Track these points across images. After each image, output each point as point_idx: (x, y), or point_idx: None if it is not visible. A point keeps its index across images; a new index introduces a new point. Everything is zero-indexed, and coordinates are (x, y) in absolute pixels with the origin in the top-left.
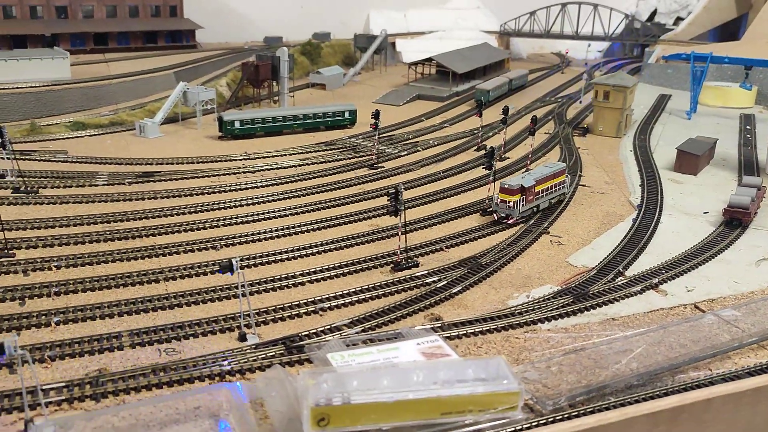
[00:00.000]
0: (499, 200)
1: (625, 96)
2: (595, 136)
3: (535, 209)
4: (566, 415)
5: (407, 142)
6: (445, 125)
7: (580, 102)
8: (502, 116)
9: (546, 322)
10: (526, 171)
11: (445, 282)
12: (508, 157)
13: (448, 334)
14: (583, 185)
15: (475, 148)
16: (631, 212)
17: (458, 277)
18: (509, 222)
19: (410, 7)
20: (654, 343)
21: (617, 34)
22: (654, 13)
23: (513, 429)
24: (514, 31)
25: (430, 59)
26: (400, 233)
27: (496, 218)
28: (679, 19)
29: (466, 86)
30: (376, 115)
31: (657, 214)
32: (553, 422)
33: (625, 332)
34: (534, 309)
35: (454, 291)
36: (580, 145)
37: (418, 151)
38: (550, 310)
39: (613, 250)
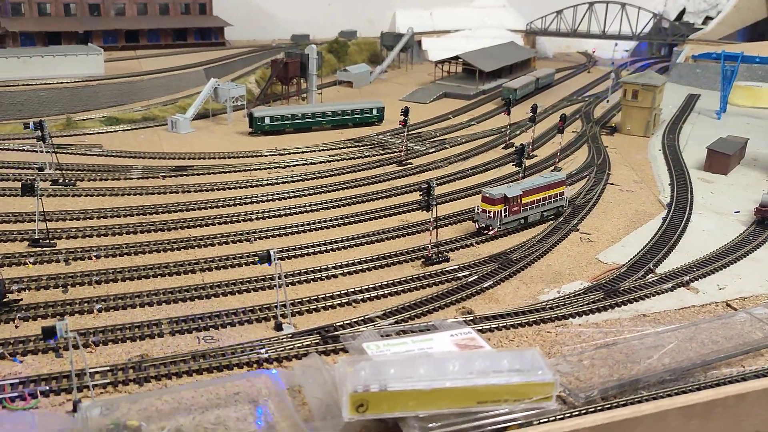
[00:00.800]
0: (479, 209)
1: (654, 95)
2: (622, 135)
3: (522, 221)
4: (599, 408)
5: (435, 139)
6: (472, 123)
7: (607, 101)
8: (531, 114)
9: (577, 317)
10: (553, 169)
11: (476, 276)
12: (536, 155)
13: (480, 327)
14: (612, 183)
15: (503, 146)
16: (661, 211)
17: (489, 272)
18: (489, 233)
19: (436, 5)
20: (686, 340)
21: (645, 34)
22: (682, 12)
23: (547, 419)
24: (540, 30)
25: (456, 57)
26: (431, 228)
27: (477, 228)
28: (708, 19)
29: (493, 85)
30: (406, 112)
31: (687, 213)
32: (586, 413)
33: (657, 328)
34: (565, 304)
35: (485, 285)
36: (608, 143)
37: (446, 148)
38: (581, 306)
39: (643, 247)
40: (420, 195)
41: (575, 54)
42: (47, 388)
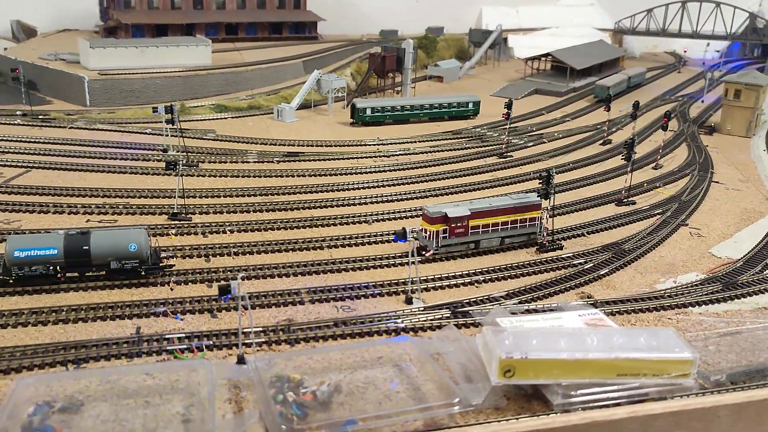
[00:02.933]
0: (420, 227)
1: (757, 95)
2: (722, 135)
3: (471, 246)
4: (730, 389)
5: (532, 133)
6: (567, 119)
7: (702, 101)
8: (632, 110)
9: (697, 306)
10: (655, 166)
11: (592, 264)
12: (636, 152)
13: (602, 311)
14: (717, 182)
15: (601, 141)
16: None
17: (604, 260)
18: (426, 255)
19: (522, 3)
20: None
21: (739, 34)
22: None
23: (680, 396)
24: (629, 29)
25: (547, 54)
26: (547, 216)
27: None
28: None
29: (583, 82)
30: (509, 105)
31: None
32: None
33: None
34: (683, 293)
35: (601, 272)
36: (707, 143)
37: (544, 142)
38: (700, 296)
39: (758, 244)
40: (539, 183)
41: (662, 54)
42: (210, 343)
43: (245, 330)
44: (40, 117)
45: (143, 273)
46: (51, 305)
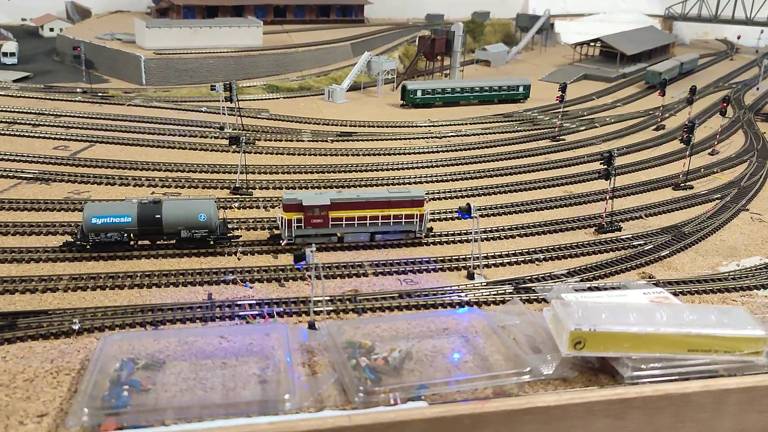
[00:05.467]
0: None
1: None
2: None
3: (335, 239)
4: None
5: (584, 118)
6: (618, 104)
7: (757, 89)
8: (689, 95)
9: (762, 289)
10: (712, 151)
11: (652, 246)
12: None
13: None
14: None
15: (655, 127)
16: None
17: (664, 242)
18: (281, 244)
19: None
20: None
21: None
22: None
23: (755, 372)
24: (680, 15)
25: (596, 40)
26: (608, 197)
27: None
28: None
29: (633, 68)
30: (564, 88)
31: None
32: None
33: None
34: (747, 276)
35: (662, 254)
36: (764, 130)
37: (596, 127)
38: (765, 279)
39: None
40: (601, 164)
41: (713, 41)
42: (280, 309)
43: (316, 298)
44: (99, 94)
45: (212, 242)
46: (125, 270)
